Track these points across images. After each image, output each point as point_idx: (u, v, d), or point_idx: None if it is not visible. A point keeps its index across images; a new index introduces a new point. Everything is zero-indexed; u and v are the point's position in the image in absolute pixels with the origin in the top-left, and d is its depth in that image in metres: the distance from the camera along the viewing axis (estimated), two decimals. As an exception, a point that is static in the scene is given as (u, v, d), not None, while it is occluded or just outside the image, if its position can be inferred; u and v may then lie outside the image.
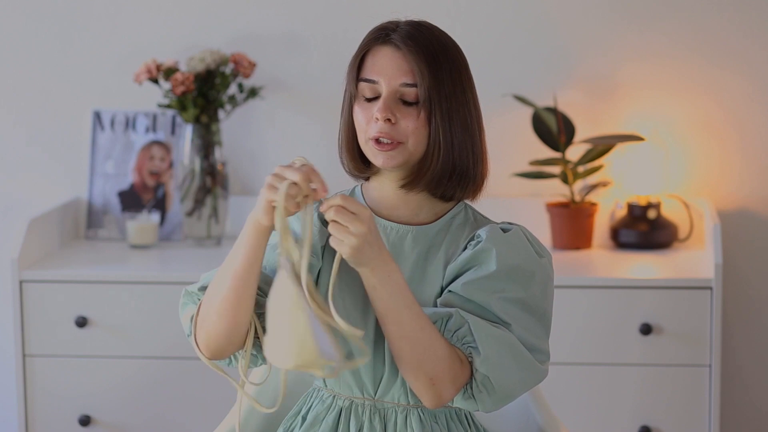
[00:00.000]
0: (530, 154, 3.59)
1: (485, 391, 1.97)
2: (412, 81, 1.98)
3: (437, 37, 2.01)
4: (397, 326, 1.93)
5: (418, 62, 1.98)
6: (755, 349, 3.62)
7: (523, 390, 2.00)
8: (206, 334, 2.00)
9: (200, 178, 3.58)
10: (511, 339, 1.97)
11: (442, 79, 1.98)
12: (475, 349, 1.96)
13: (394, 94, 1.99)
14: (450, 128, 1.99)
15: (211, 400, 3.31)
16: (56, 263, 3.42)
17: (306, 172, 1.87)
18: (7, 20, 3.71)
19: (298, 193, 1.87)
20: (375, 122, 1.99)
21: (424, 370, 1.94)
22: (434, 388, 1.96)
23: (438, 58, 1.99)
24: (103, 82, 3.71)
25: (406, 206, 2.07)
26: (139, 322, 3.31)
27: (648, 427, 3.24)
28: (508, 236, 2.03)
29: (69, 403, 3.35)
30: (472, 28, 3.60)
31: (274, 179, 1.88)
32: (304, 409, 2.12)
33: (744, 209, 3.60)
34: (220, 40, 3.65)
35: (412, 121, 1.99)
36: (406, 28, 2.01)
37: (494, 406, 1.99)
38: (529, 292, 2.01)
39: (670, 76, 3.59)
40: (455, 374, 1.96)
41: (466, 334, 1.96)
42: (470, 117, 2.02)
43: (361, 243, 1.88)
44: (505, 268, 1.99)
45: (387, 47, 2.00)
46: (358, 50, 2.03)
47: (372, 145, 2.01)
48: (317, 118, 3.64)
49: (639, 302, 3.22)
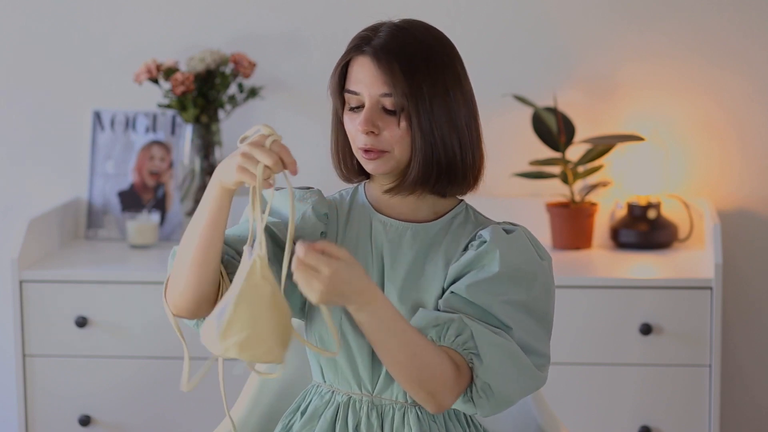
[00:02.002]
0: (530, 154, 3.59)
1: (485, 397, 1.98)
2: (387, 91, 1.99)
3: (418, 40, 2.00)
4: (390, 354, 1.92)
5: (391, 72, 1.97)
6: (755, 349, 3.62)
7: (521, 396, 2.00)
8: (175, 291, 2.00)
9: (200, 178, 3.58)
10: (513, 347, 1.97)
11: (418, 85, 1.98)
12: (476, 356, 1.96)
13: (376, 105, 2.00)
14: (432, 130, 1.99)
15: (211, 400, 3.30)
16: (56, 263, 3.42)
17: (277, 152, 1.85)
18: (7, 20, 3.71)
19: (270, 175, 1.85)
20: (360, 133, 2.01)
21: (421, 387, 1.94)
22: (434, 399, 1.96)
23: (413, 62, 1.98)
24: (103, 82, 3.71)
25: (404, 204, 2.08)
26: (139, 322, 3.31)
27: (648, 427, 3.24)
28: (510, 238, 2.02)
29: (69, 403, 3.35)
30: (472, 28, 3.60)
31: (245, 161, 1.85)
32: (303, 405, 2.12)
33: (744, 209, 3.60)
34: (220, 40, 3.65)
35: (394, 130, 2.00)
36: (382, 36, 2.00)
37: (492, 411, 1.99)
38: (531, 294, 2.01)
39: (670, 76, 3.59)
40: (453, 383, 1.96)
41: (468, 340, 1.96)
42: (456, 113, 2.01)
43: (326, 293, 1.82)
44: (507, 271, 1.99)
45: (365, 57, 2.00)
46: (339, 60, 2.04)
47: (361, 154, 2.02)
48: (317, 118, 3.64)
49: (639, 302, 3.22)
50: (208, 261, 1.96)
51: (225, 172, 1.89)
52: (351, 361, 2.05)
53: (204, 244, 1.95)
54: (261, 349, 1.80)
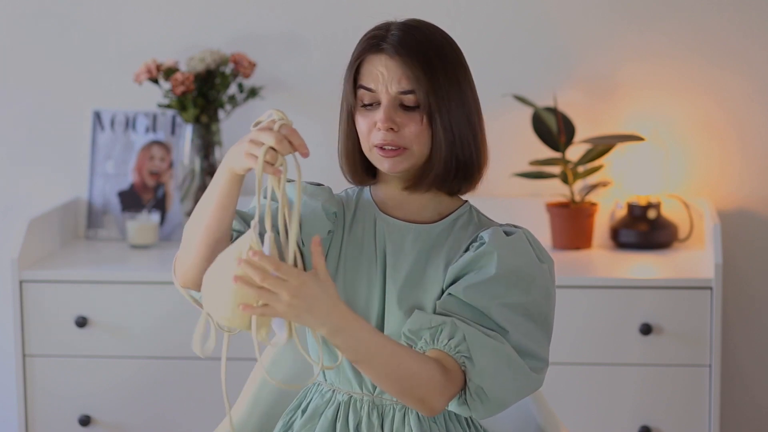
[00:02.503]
0: (530, 154, 3.59)
1: (478, 400, 1.97)
2: (409, 87, 1.98)
3: (429, 38, 2.01)
4: (373, 371, 1.90)
5: (413, 68, 1.98)
6: (755, 349, 3.62)
7: (516, 400, 2.00)
8: (184, 265, 2.00)
9: (200, 178, 3.58)
10: (507, 350, 1.97)
11: (439, 81, 1.98)
12: (468, 360, 1.95)
13: (394, 101, 1.99)
14: (451, 128, 2.00)
15: (211, 400, 3.31)
16: (56, 263, 3.42)
17: (285, 135, 1.84)
18: (7, 20, 3.71)
19: (277, 158, 1.84)
20: (377, 130, 2.00)
21: (410, 395, 1.93)
22: (424, 404, 1.95)
23: (432, 60, 1.99)
24: (103, 82, 3.71)
25: (410, 205, 2.07)
26: (139, 322, 3.31)
27: (648, 427, 3.24)
28: (510, 240, 2.02)
29: (69, 403, 3.35)
30: (472, 28, 3.60)
31: (251, 146, 1.83)
32: (304, 403, 2.13)
33: (744, 209, 3.60)
34: (220, 40, 3.65)
35: (415, 127, 1.99)
36: (397, 34, 2.00)
37: (487, 414, 1.99)
38: (530, 297, 2.00)
39: (670, 76, 3.59)
40: (442, 387, 1.95)
41: (460, 343, 1.95)
42: (469, 112, 2.02)
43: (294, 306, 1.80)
44: (505, 272, 1.99)
45: (381, 55, 2.00)
46: (352, 59, 2.03)
47: (376, 152, 2.01)
48: (317, 118, 3.64)
49: (639, 302, 3.22)
50: (216, 240, 1.96)
51: (233, 157, 1.88)
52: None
53: (213, 225, 1.95)
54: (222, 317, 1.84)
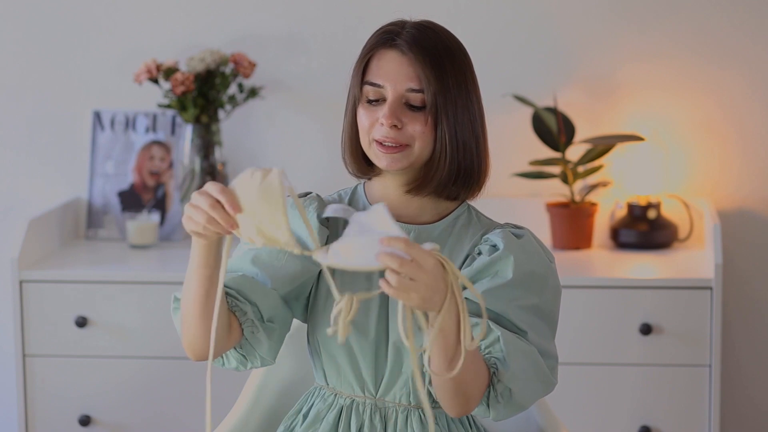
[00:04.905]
0: (530, 154, 3.59)
1: (503, 402, 1.96)
2: (418, 86, 1.98)
3: (443, 40, 2.00)
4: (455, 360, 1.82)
5: (423, 68, 1.97)
6: (755, 349, 3.62)
7: (535, 401, 1.99)
8: (187, 339, 2.00)
9: (200, 178, 3.58)
10: (535, 353, 1.96)
11: (448, 84, 1.98)
12: (500, 362, 1.94)
13: (399, 99, 1.99)
14: (456, 132, 1.99)
15: (211, 400, 3.30)
16: (56, 263, 3.42)
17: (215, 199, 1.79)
18: (7, 20, 3.71)
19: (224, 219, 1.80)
20: (380, 126, 1.99)
21: (463, 392, 1.91)
22: (468, 403, 1.93)
23: (443, 62, 1.98)
24: (103, 82, 3.71)
25: (409, 207, 2.07)
26: (139, 322, 3.31)
27: (648, 427, 3.24)
28: (522, 243, 2.02)
29: (69, 403, 3.35)
30: (472, 28, 3.60)
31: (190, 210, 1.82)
32: (305, 408, 2.12)
33: (744, 209, 3.60)
34: (220, 40, 3.65)
35: (419, 126, 1.98)
36: (411, 32, 2.00)
37: (505, 416, 1.97)
38: (543, 297, 2.01)
39: (670, 76, 3.59)
40: (485, 389, 1.95)
41: (494, 344, 1.94)
42: (474, 118, 2.01)
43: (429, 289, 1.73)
44: (521, 276, 1.99)
45: (393, 51, 2.00)
46: (363, 52, 2.02)
47: (376, 147, 2.00)
48: (317, 118, 3.64)
49: (639, 302, 3.22)
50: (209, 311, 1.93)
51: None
52: (354, 363, 2.04)
53: (203, 298, 1.93)
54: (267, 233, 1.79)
